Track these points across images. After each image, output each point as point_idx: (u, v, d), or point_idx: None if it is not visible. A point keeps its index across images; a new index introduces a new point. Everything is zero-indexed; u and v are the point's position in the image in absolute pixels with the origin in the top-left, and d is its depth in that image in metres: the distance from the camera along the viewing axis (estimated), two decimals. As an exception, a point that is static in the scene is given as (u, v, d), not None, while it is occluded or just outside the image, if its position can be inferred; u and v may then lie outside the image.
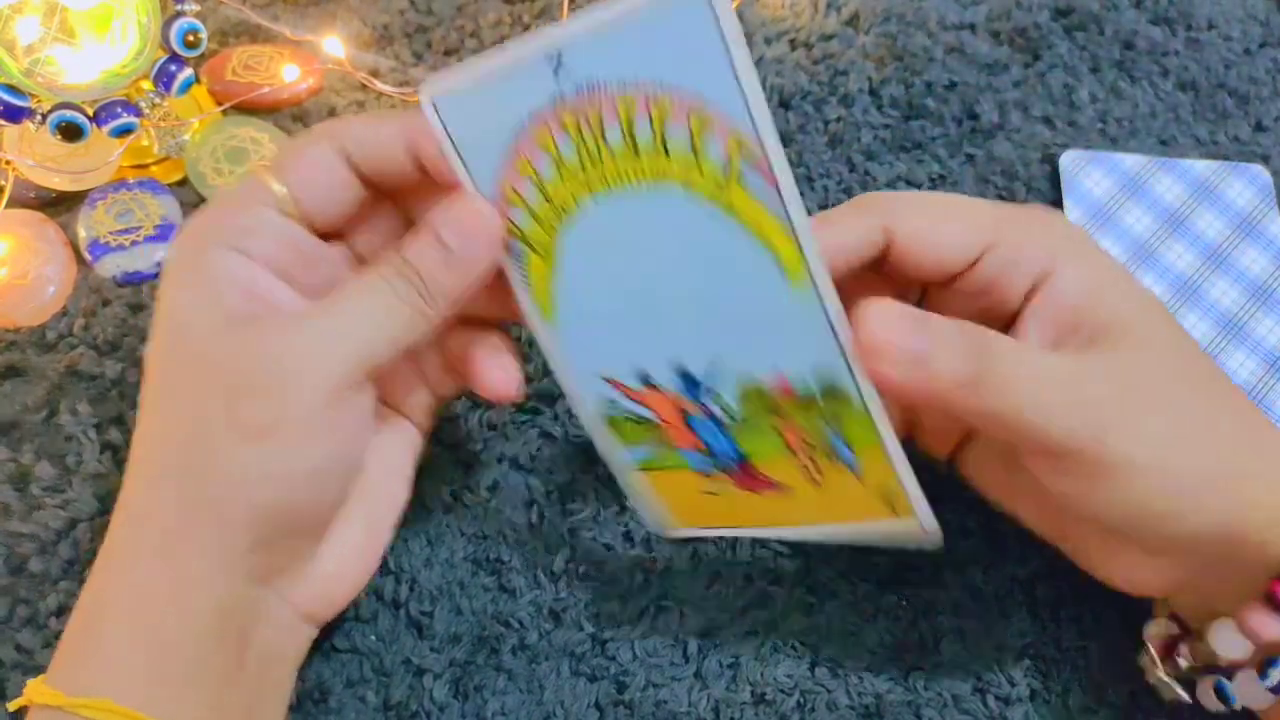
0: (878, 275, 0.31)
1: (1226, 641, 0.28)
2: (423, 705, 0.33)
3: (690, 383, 0.29)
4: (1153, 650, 0.31)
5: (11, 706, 0.28)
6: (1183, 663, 0.30)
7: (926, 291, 0.32)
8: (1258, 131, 0.44)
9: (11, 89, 0.37)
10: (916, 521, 0.29)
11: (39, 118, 0.37)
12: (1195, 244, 0.42)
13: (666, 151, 0.25)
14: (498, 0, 0.47)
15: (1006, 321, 0.30)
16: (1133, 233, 0.42)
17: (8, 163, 0.41)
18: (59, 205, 0.42)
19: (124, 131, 0.39)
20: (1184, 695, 0.30)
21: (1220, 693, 0.29)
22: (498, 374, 0.31)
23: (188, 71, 0.40)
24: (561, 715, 0.33)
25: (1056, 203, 0.42)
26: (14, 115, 0.37)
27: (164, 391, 0.28)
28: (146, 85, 0.40)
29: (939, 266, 0.30)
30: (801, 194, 0.42)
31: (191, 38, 0.39)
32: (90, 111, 0.38)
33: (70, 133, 0.38)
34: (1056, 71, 0.45)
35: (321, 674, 0.33)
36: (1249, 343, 0.40)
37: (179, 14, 0.39)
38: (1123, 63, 0.46)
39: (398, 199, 0.32)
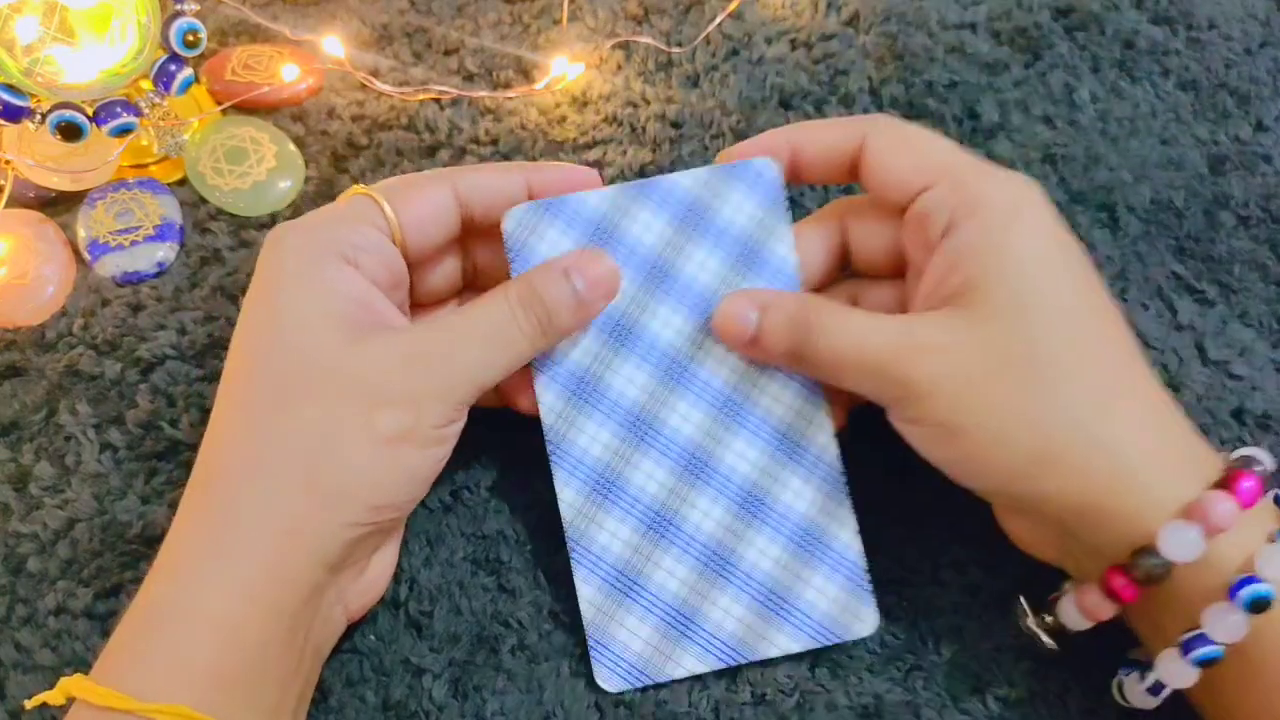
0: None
1: (1068, 612, 0.30)
2: (422, 705, 0.33)
3: None
4: (1024, 601, 0.32)
5: (31, 703, 0.28)
6: (1048, 619, 0.31)
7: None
8: (1259, 131, 0.44)
9: (11, 89, 0.37)
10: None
11: (39, 117, 0.37)
12: (685, 299, 0.33)
13: None
14: (498, 0, 0.47)
15: None
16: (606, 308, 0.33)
17: (7, 163, 0.41)
18: (59, 205, 0.42)
19: (123, 131, 0.39)
20: (1050, 644, 0.31)
21: (1121, 690, 0.31)
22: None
23: (187, 71, 0.40)
24: (561, 715, 0.33)
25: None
26: (14, 115, 0.37)
27: (283, 396, 0.29)
28: (146, 85, 0.40)
29: (884, 189, 0.32)
30: (802, 194, 0.42)
31: (191, 37, 0.39)
32: (90, 111, 0.38)
33: (70, 132, 0.38)
34: (1057, 71, 0.45)
35: (321, 673, 0.33)
36: (752, 422, 0.33)
37: (178, 13, 0.39)
38: (1123, 62, 0.46)
39: (465, 241, 0.35)
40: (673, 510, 0.33)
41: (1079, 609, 0.29)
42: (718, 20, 0.46)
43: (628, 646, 0.33)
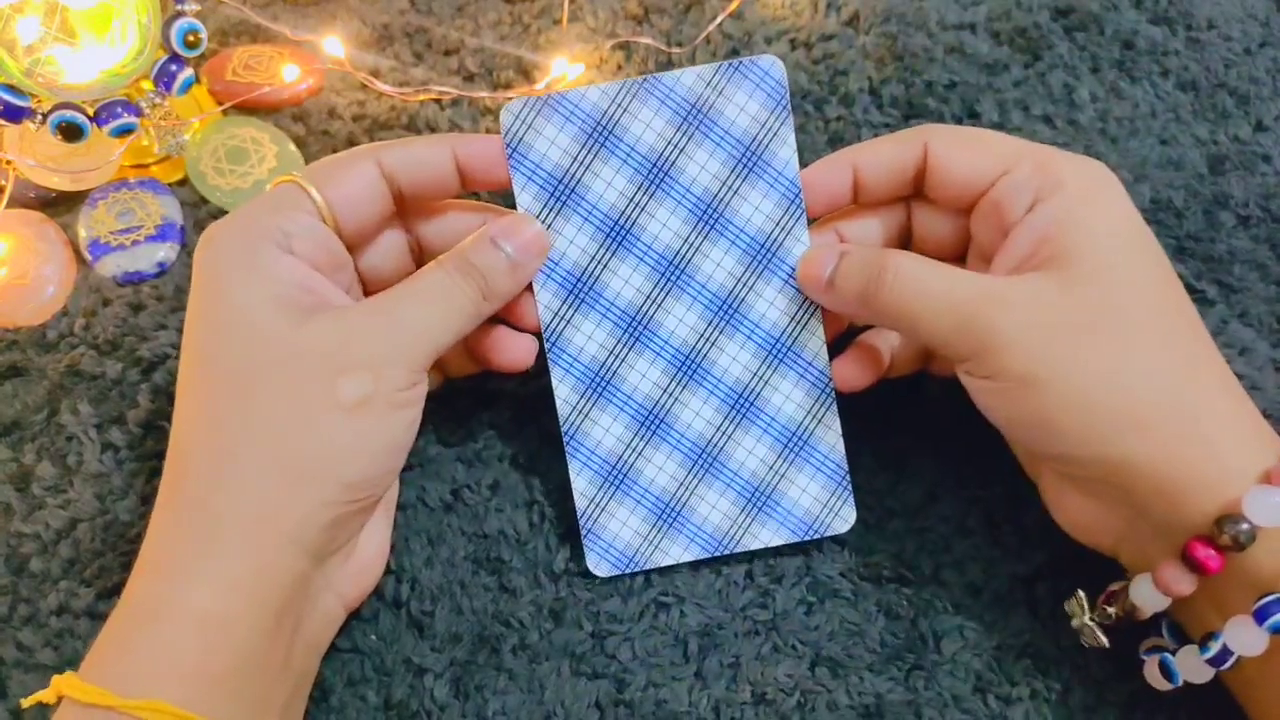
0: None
1: (1143, 593, 0.30)
2: (423, 705, 0.33)
3: None
4: (1081, 594, 0.32)
5: (27, 703, 0.28)
6: (1111, 610, 0.31)
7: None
8: (1258, 131, 0.44)
9: (11, 89, 0.37)
10: None
11: (39, 118, 0.37)
12: (684, 200, 0.33)
13: None
14: (498, 0, 0.47)
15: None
16: (602, 208, 0.33)
17: (8, 163, 0.41)
18: (59, 205, 0.42)
19: (124, 131, 0.39)
20: (1103, 640, 0.31)
21: (1165, 668, 0.30)
22: (521, 345, 0.34)
23: (188, 71, 0.40)
24: (561, 715, 0.33)
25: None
26: (14, 115, 0.37)
27: (242, 383, 0.29)
28: (147, 85, 0.40)
29: (959, 186, 0.32)
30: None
31: (192, 38, 0.39)
32: (90, 111, 0.38)
33: (70, 133, 0.38)
34: (1057, 71, 0.45)
35: (322, 673, 0.33)
36: (746, 325, 0.34)
37: (179, 14, 0.39)
38: (1123, 62, 0.46)
39: (406, 219, 0.35)
40: (665, 409, 0.34)
41: (1158, 587, 0.29)
42: (718, 20, 0.46)
43: (618, 535, 0.34)
